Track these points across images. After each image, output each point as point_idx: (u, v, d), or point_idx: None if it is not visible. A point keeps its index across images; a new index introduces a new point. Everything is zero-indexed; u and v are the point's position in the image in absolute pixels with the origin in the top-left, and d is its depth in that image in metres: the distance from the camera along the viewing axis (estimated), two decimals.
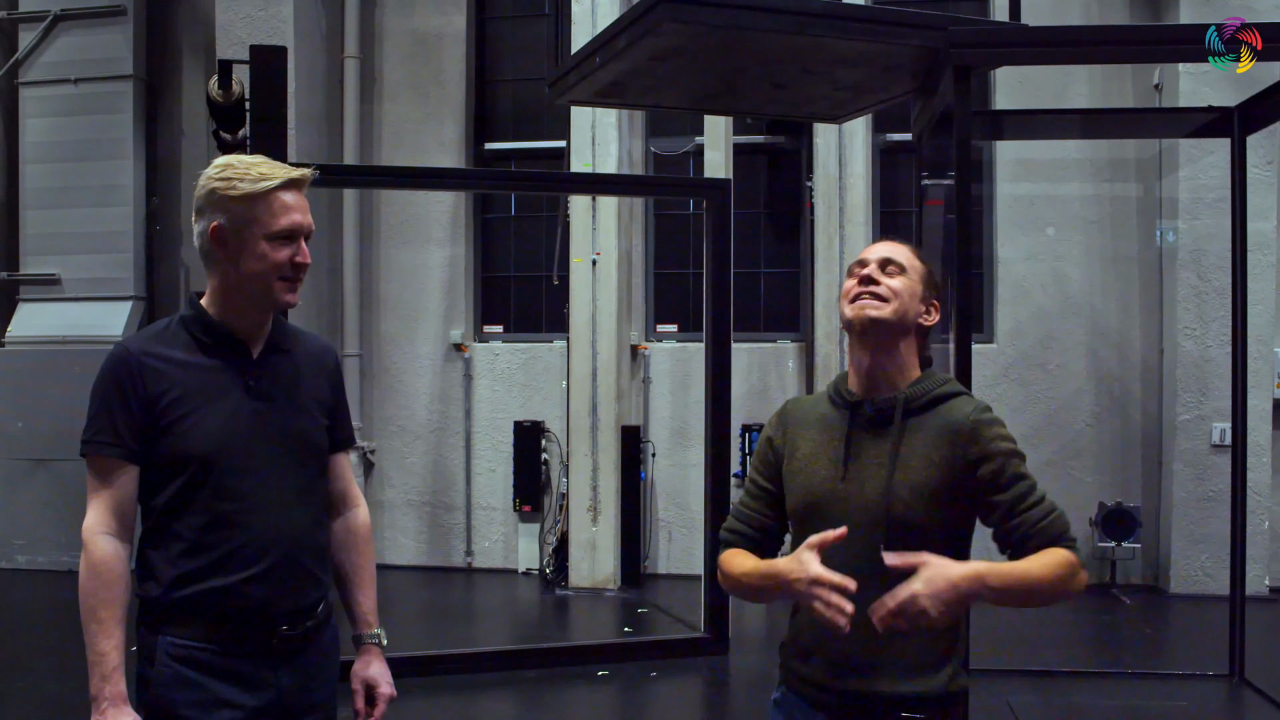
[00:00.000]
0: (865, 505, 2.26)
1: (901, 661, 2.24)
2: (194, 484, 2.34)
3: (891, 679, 2.24)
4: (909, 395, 2.31)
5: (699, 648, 6.66)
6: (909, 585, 2.08)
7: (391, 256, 9.25)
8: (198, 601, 2.34)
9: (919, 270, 2.38)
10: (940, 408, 2.31)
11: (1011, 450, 2.26)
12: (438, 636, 7.25)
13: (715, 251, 6.64)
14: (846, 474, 2.30)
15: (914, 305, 2.35)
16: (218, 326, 2.43)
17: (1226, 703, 5.77)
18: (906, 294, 2.34)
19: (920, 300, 2.37)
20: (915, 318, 2.36)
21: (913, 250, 2.41)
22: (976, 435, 2.24)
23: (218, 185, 2.37)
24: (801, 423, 2.46)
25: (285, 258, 2.40)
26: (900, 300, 2.32)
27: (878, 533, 2.23)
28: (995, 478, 2.23)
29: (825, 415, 2.42)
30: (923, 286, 2.38)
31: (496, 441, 9.07)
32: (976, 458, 2.23)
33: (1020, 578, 2.15)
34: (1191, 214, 7.95)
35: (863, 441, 2.32)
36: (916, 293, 2.36)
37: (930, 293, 2.40)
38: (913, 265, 2.37)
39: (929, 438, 2.27)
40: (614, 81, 5.18)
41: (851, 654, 2.27)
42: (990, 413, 2.30)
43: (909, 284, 2.35)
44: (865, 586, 2.21)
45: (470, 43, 9.30)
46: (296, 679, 2.46)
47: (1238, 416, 5.96)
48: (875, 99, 5.57)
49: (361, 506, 2.76)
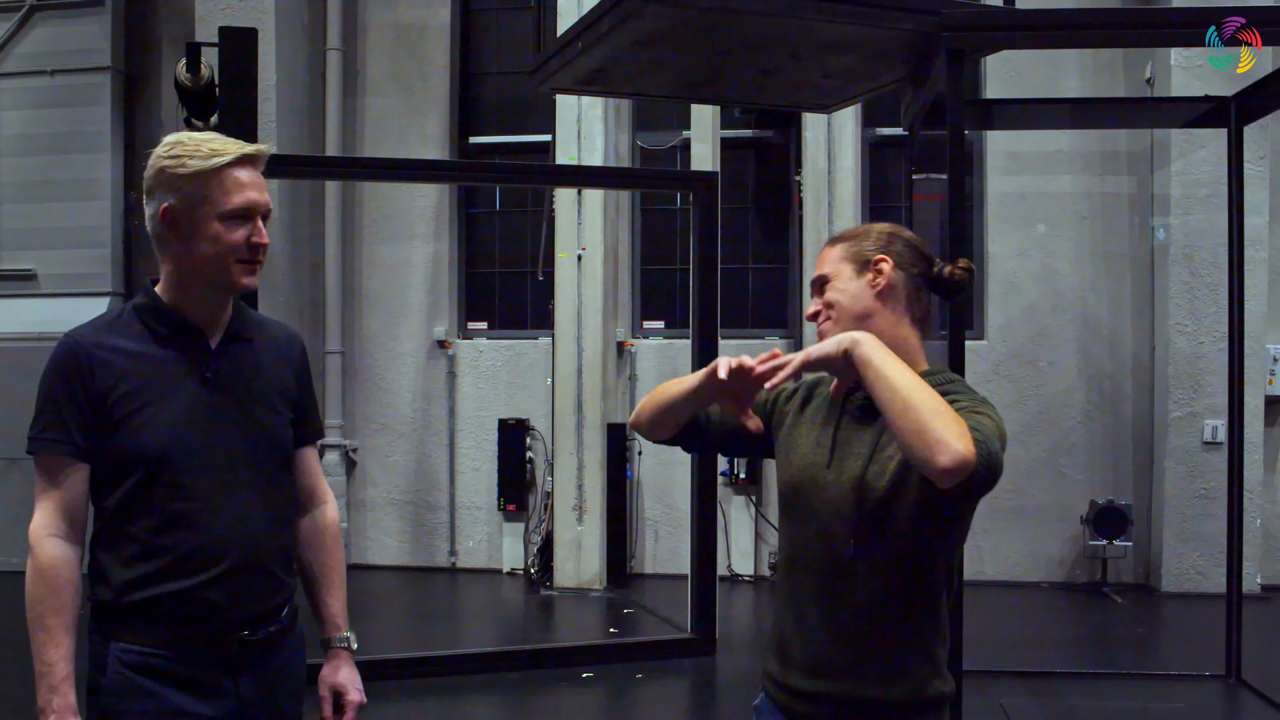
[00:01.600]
0: (839, 496, 2.16)
1: (875, 665, 2.14)
2: (148, 482, 2.21)
3: (866, 683, 2.14)
4: None
5: (686, 649, 6.55)
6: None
7: (374, 252, 9.11)
8: (152, 606, 2.21)
9: (844, 252, 2.26)
10: None
11: (970, 404, 2.05)
12: (421, 638, 7.17)
13: (702, 246, 6.53)
14: (831, 462, 2.20)
15: (851, 293, 2.22)
16: (172, 315, 2.30)
17: (1224, 704, 5.69)
18: (839, 294, 2.23)
19: (855, 277, 2.23)
20: (864, 299, 2.21)
21: (835, 238, 2.32)
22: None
23: (167, 164, 2.25)
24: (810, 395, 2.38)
25: (241, 238, 2.27)
26: (837, 308, 2.23)
27: (849, 525, 2.13)
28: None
29: (827, 397, 2.33)
30: (851, 264, 2.24)
31: (480, 439, 8.95)
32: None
33: (899, 375, 1.97)
34: (1184, 209, 7.88)
35: (852, 430, 2.21)
36: (847, 277, 2.23)
37: (867, 254, 2.24)
38: (833, 258, 2.27)
39: None
40: (598, 68, 5.06)
41: (826, 656, 2.18)
42: (986, 406, 2.10)
43: (837, 282, 2.24)
44: (834, 579, 2.16)
45: (455, 35, 9.18)
46: (259, 687, 2.33)
47: (1235, 413, 5.87)
48: (865, 87, 5.46)
49: (330, 503, 2.62)
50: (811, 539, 2.20)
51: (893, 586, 2.13)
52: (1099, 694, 5.72)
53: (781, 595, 2.30)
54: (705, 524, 6.57)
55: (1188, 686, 5.87)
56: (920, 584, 2.15)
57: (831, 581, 2.16)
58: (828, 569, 2.16)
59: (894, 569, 2.13)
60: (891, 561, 2.13)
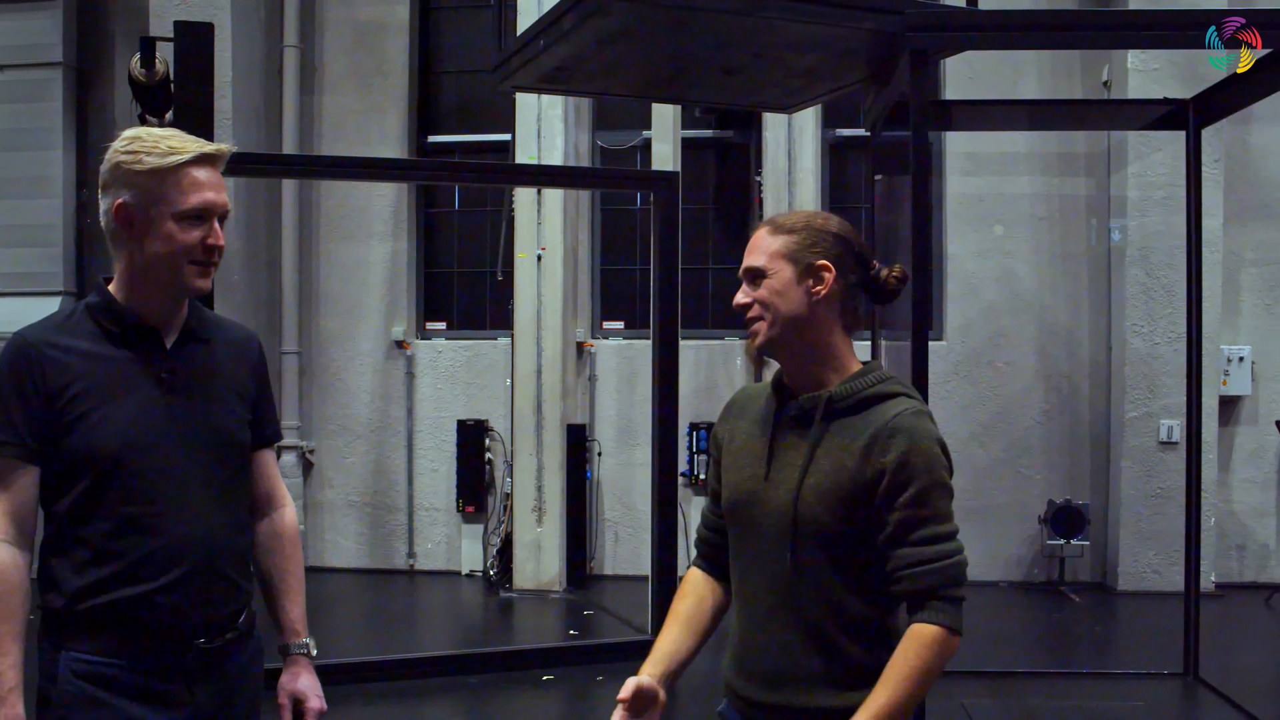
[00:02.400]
0: (778, 509, 2.12)
1: (830, 674, 2.11)
2: (101, 486, 2.15)
3: (820, 692, 2.11)
4: (834, 395, 2.12)
5: (646, 650, 6.42)
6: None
7: (331, 251, 9.02)
8: (105, 613, 2.15)
9: (785, 247, 2.14)
10: (871, 409, 2.11)
11: (925, 468, 2.04)
12: (378, 641, 7.09)
13: (663, 246, 6.49)
14: (769, 474, 2.16)
15: (788, 297, 2.13)
16: (126, 314, 2.24)
17: (1182, 702, 5.74)
18: (773, 296, 2.13)
19: (796, 281, 2.13)
20: (800, 305, 2.13)
21: (775, 227, 2.18)
22: (891, 443, 2.04)
23: (123, 159, 2.19)
24: (742, 414, 2.32)
25: (196, 239, 2.21)
26: (770, 310, 2.14)
27: (787, 539, 2.10)
28: (892, 494, 2.03)
29: (762, 408, 2.27)
30: (792, 265, 2.13)
31: (439, 441, 8.88)
32: (881, 468, 2.04)
33: (886, 713, 1.99)
34: (1140, 212, 7.94)
35: (788, 440, 2.16)
36: (786, 279, 2.13)
37: (809, 257, 2.13)
38: (774, 252, 2.15)
39: (846, 440, 2.09)
40: (560, 66, 5.02)
41: (778, 667, 2.15)
42: (922, 418, 2.08)
43: (773, 281, 2.13)
44: (782, 594, 2.13)
45: (414, 33, 9.09)
46: (215, 695, 2.28)
47: (1193, 414, 5.91)
48: (828, 87, 5.45)
49: (288, 507, 2.57)
50: (758, 553, 2.17)
51: (844, 596, 2.10)
52: (1059, 693, 5.74)
53: (738, 607, 2.26)
54: (666, 525, 6.53)
55: (1146, 685, 5.90)
56: (871, 592, 2.11)
57: (782, 594, 2.13)
58: (778, 582, 2.13)
59: (843, 579, 2.10)
60: (839, 571, 2.10)
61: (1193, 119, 5.81)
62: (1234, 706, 5.45)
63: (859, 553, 2.09)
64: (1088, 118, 7.34)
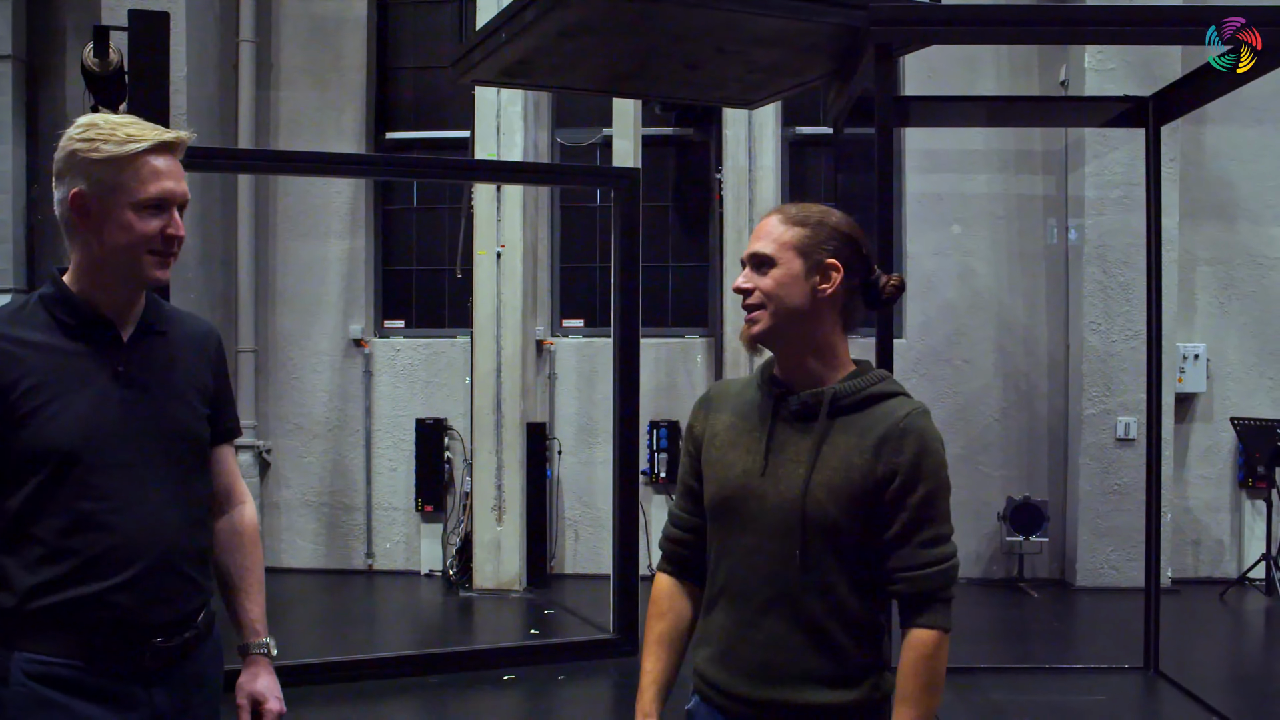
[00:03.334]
0: (782, 504, 2.09)
1: (824, 671, 2.09)
2: (54, 481, 2.09)
3: (813, 689, 2.09)
4: (838, 391, 2.12)
5: (608, 649, 6.49)
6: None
7: (288, 249, 8.92)
8: (59, 613, 2.09)
9: (797, 240, 2.12)
10: (875, 408, 2.11)
11: (933, 471, 2.07)
12: (337, 642, 7.02)
13: (623, 242, 6.47)
14: (766, 468, 2.13)
15: (794, 290, 2.10)
16: (82, 306, 2.18)
17: (1143, 696, 5.78)
18: (779, 288, 2.10)
19: (805, 276, 2.11)
20: (805, 300, 2.11)
21: (789, 218, 2.16)
22: (903, 443, 2.06)
23: (79, 147, 2.13)
24: (724, 407, 2.28)
25: (155, 229, 2.15)
26: (774, 300, 2.10)
27: (794, 534, 2.07)
28: (902, 494, 2.05)
29: (750, 401, 2.23)
30: (803, 259, 2.11)
31: (398, 440, 8.80)
32: (894, 467, 2.05)
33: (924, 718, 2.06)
34: (1097, 210, 8.00)
35: (786, 435, 2.14)
36: (795, 272, 2.10)
37: (820, 254, 2.11)
38: (785, 242, 2.12)
39: (854, 438, 2.08)
40: (521, 60, 4.98)
41: (771, 662, 2.12)
42: (928, 419, 2.11)
43: (782, 272, 2.10)
44: (781, 589, 2.10)
45: (371, 28, 9.01)
46: (173, 697, 2.22)
47: (1153, 411, 5.95)
48: (790, 82, 5.44)
49: (248, 504, 2.51)
50: (753, 548, 2.13)
51: (845, 592, 2.09)
52: (1021, 688, 5.77)
53: (723, 603, 2.21)
54: (627, 523, 6.51)
55: (1108, 679, 5.94)
56: (870, 587, 2.12)
57: (781, 589, 2.10)
58: (777, 577, 2.10)
59: (845, 575, 2.09)
60: (842, 567, 2.09)
61: (1152, 116, 5.85)
62: (1194, 700, 5.50)
63: (861, 549, 2.09)
64: (1048, 115, 7.39)
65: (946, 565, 2.09)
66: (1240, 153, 8.29)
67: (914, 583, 2.07)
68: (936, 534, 2.08)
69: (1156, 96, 5.86)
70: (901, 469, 2.05)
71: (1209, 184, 8.30)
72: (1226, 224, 8.33)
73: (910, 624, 2.08)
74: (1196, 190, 8.22)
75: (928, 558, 2.07)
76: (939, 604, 2.09)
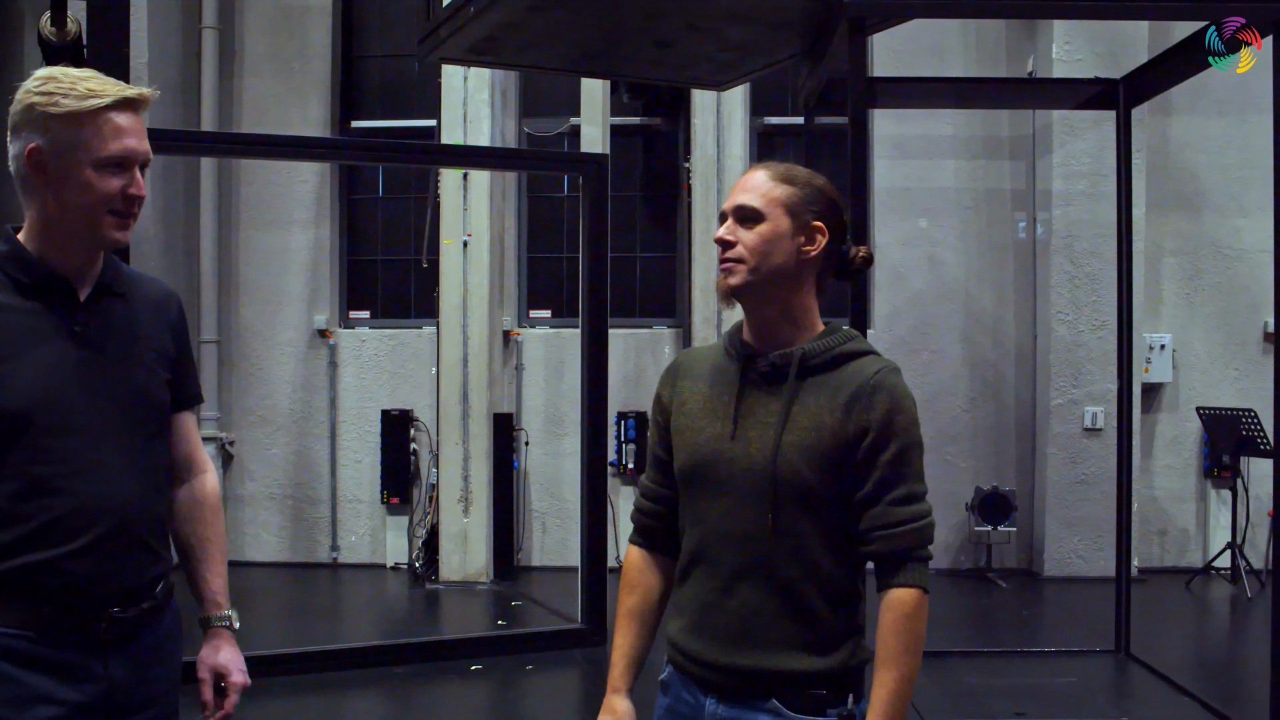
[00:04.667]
0: (752, 467, 2.05)
1: (799, 638, 2.05)
2: (7, 444, 2.01)
3: (788, 655, 2.05)
4: (807, 351, 2.08)
5: (576, 639, 6.44)
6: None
7: (252, 238, 8.80)
8: (11, 581, 2.01)
9: (787, 197, 2.08)
10: (844, 367, 2.08)
11: (905, 428, 2.04)
12: (302, 634, 6.92)
13: (591, 230, 6.42)
14: (735, 432, 2.09)
15: (780, 248, 2.06)
16: (37, 265, 2.10)
17: (1114, 677, 5.81)
18: (765, 244, 2.06)
19: (791, 235, 2.07)
20: (789, 259, 2.07)
21: (778, 174, 2.12)
22: (874, 400, 2.03)
23: (37, 100, 2.04)
24: (691, 374, 2.23)
25: (115, 189, 2.07)
26: (757, 255, 2.06)
27: (765, 498, 2.03)
28: (874, 452, 2.02)
29: (717, 366, 2.19)
30: (790, 218, 2.07)
31: (363, 431, 8.71)
32: (865, 425, 2.02)
33: (900, 689, 2.00)
34: (1064, 200, 8.01)
35: (755, 398, 2.10)
36: (782, 230, 2.07)
37: (807, 215, 2.08)
38: (773, 198, 2.08)
39: (824, 398, 2.05)
40: (489, 36, 4.90)
41: (746, 629, 2.07)
42: (898, 376, 2.08)
43: (769, 228, 2.06)
44: (754, 554, 2.06)
45: (336, 15, 8.91)
46: (130, 669, 2.14)
47: (1123, 401, 5.96)
48: (762, 62, 5.39)
49: (209, 473, 2.43)
50: (725, 513, 2.09)
51: (819, 557, 2.06)
52: (994, 671, 5.78)
53: (696, 572, 2.16)
54: (595, 514, 6.46)
55: (1080, 661, 5.96)
56: (845, 551, 2.09)
57: (755, 555, 2.06)
58: (750, 543, 2.06)
59: (818, 539, 2.06)
60: (816, 530, 2.05)
61: (1123, 98, 5.85)
62: (1165, 681, 5.53)
63: (836, 511, 2.06)
64: (1019, 97, 7.40)
65: (921, 523, 2.06)
66: (1206, 144, 8.31)
67: (889, 540, 2.04)
68: (910, 491, 2.05)
69: (1128, 78, 5.86)
70: (873, 426, 2.02)
71: (1175, 175, 8.33)
72: (1192, 215, 8.37)
73: (888, 584, 2.04)
74: (1163, 181, 8.24)
75: (902, 515, 2.04)
76: (916, 563, 2.05)
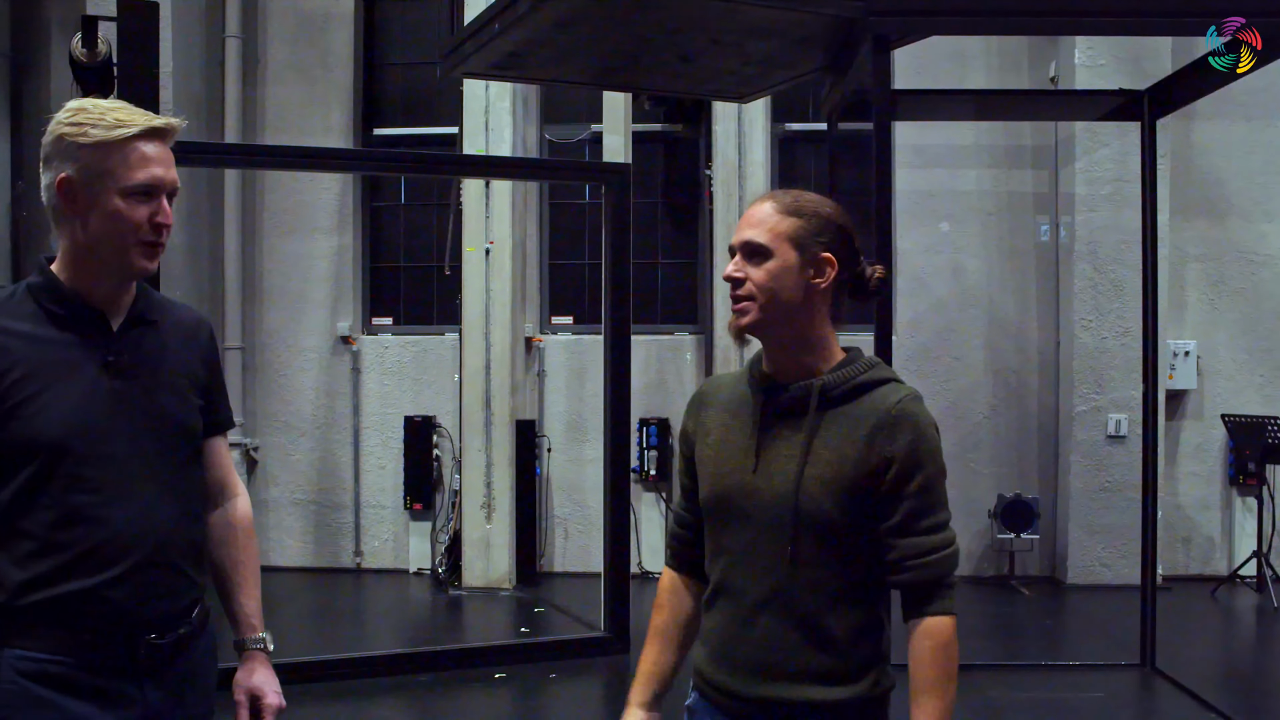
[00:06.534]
0: (775, 500, 2.05)
1: (821, 668, 2.05)
2: (43, 475, 2.03)
3: (810, 685, 2.05)
4: (826, 383, 2.07)
5: (599, 647, 6.45)
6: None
7: (276, 246, 8.85)
8: (49, 609, 2.04)
9: (792, 230, 2.05)
10: (865, 396, 2.07)
11: (930, 456, 2.04)
12: (326, 640, 6.97)
13: (614, 238, 6.43)
14: (758, 465, 2.09)
15: (788, 284, 2.04)
16: (70, 295, 2.12)
17: (1140, 692, 5.76)
18: (773, 280, 2.04)
19: (799, 270, 2.05)
20: (798, 294, 2.06)
21: (784, 206, 2.09)
22: (897, 430, 2.02)
23: (67, 131, 2.07)
24: (715, 404, 2.23)
25: (143, 217, 2.09)
26: (766, 293, 2.04)
27: (786, 531, 2.04)
28: (900, 483, 2.02)
29: (740, 397, 2.19)
30: (798, 252, 2.05)
31: (386, 437, 8.75)
32: (889, 456, 2.01)
33: (948, 707, 2.05)
34: (1088, 206, 7.98)
35: (777, 430, 2.09)
36: (790, 265, 2.04)
37: (815, 247, 2.06)
38: (779, 233, 2.05)
39: (846, 429, 2.04)
40: (513, 52, 4.93)
41: (768, 660, 2.08)
42: (919, 404, 2.08)
43: (776, 264, 2.04)
44: (774, 586, 2.07)
45: (359, 24, 8.95)
46: (167, 693, 2.17)
47: (1149, 408, 5.92)
48: (784, 75, 5.40)
49: (242, 496, 2.46)
50: (748, 546, 2.10)
51: (841, 588, 2.06)
52: (1018, 685, 5.74)
53: (719, 601, 2.17)
54: (617, 521, 6.48)
55: (1105, 676, 5.92)
56: (867, 581, 2.08)
57: (777, 586, 2.06)
58: (771, 575, 2.06)
59: (840, 570, 2.06)
60: (837, 562, 2.05)
61: (1148, 110, 5.81)
62: (1192, 696, 5.49)
63: (857, 542, 2.06)
64: (1043, 108, 7.36)
65: (949, 551, 2.07)
66: (1230, 149, 8.27)
67: (921, 570, 2.04)
68: (937, 520, 2.05)
69: (1152, 90, 5.83)
70: (897, 458, 2.02)
71: (1199, 181, 8.28)
72: (1217, 221, 8.33)
73: (920, 613, 2.05)
74: (1187, 187, 8.20)
75: (933, 543, 2.04)
76: (946, 589, 2.06)
